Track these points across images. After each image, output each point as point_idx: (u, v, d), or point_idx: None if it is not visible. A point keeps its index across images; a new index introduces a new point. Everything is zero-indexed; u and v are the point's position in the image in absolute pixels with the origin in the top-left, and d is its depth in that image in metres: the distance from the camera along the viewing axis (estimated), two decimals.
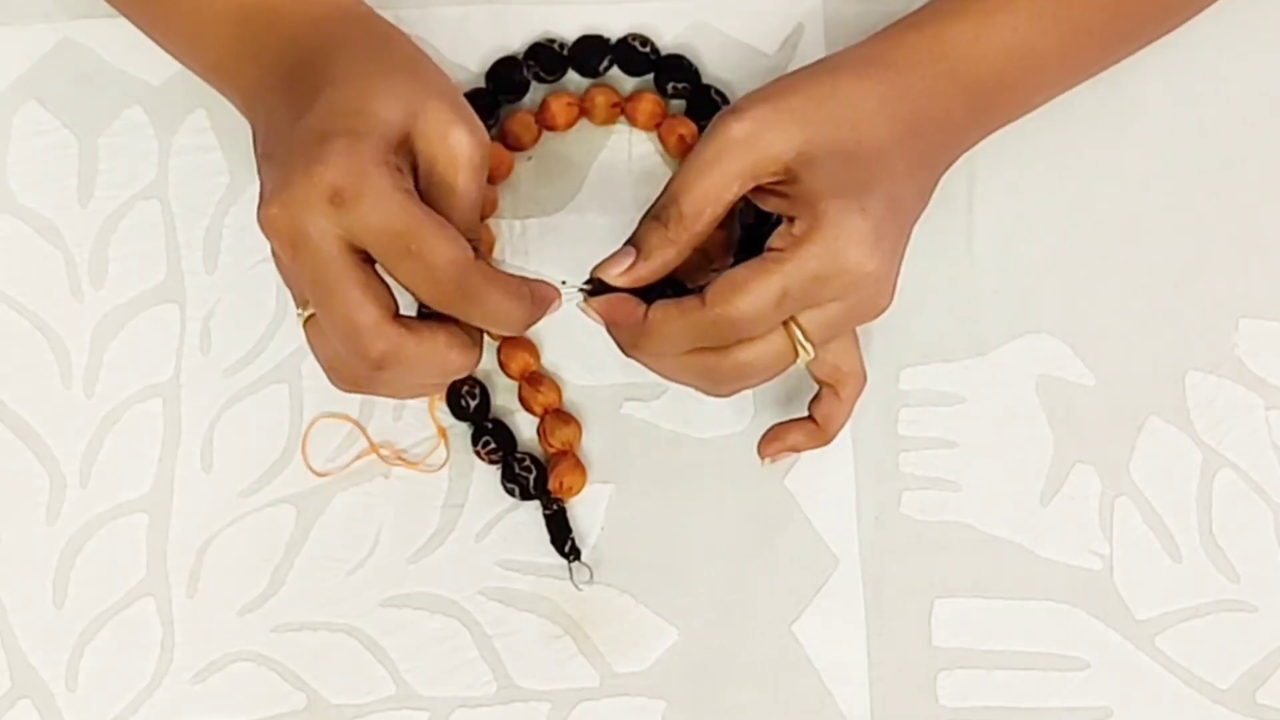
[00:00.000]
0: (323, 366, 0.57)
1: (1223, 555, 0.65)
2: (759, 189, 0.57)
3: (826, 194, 0.55)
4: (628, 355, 0.59)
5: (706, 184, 0.56)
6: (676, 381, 0.60)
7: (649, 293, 0.57)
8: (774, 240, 0.56)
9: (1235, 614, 0.64)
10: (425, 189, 0.54)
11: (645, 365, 0.59)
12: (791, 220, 0.56)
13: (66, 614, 0.65)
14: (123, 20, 0.65)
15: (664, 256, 0.57)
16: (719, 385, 0.59)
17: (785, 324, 0.56)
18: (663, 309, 0.56)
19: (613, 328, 0.58)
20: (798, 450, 0.63)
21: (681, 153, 0.67)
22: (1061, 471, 0.65)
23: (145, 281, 0.67)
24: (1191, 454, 0.65)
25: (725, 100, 0.67)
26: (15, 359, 0.66)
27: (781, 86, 0.57)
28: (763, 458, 0.63)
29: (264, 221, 0.53)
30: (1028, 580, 0.65)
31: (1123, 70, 0.65)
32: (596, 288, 0.57)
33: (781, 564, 0.65)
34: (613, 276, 0.57)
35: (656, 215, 0.57)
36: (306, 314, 0.56)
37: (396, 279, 0.53)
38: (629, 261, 0.57)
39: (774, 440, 0.63)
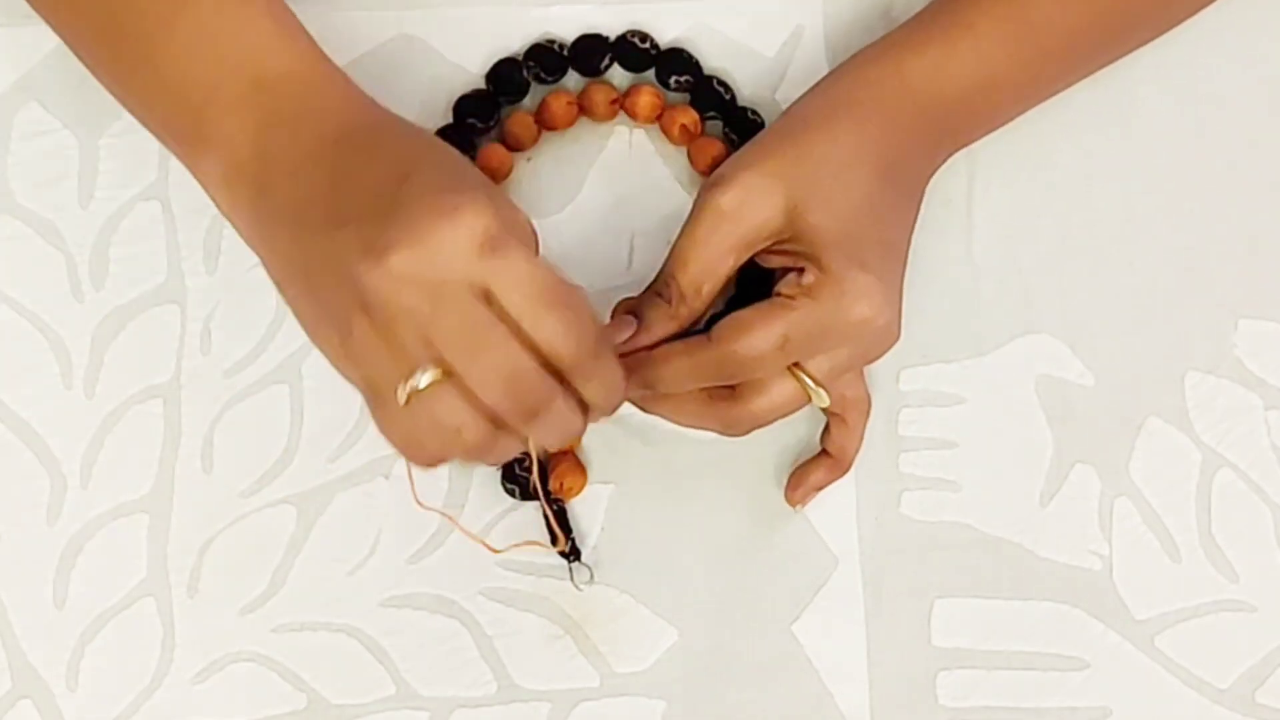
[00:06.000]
0: (432, 444, 0.52)
1: (1222, 555, 0.65)
2: (761, 251, 0.58)
3: (827, 244, 0.57)
4: (646, 410, 0.61)
5: (702, 261, 0.58)
6: (695, 428, 0.61)
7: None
8: (784, 286, 0.58)
9: (1234, 614, 0.64)
10: None
11: (664, 417, 0.61)
12: (801, 271, 0.57)
13: (67, 614, 0.65)
14: None
15: (665, 330, 0.59)
16: (737, 430, 0.60)
17: (792, 371, 0.58)
18: (669, 345, 0.59)
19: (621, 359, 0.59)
20: (822, 488, 0.64)
21: (685, 142, 0.66)
22: (1061, 471, 0.65)
23: (145, 282, 0.67)
24: (1191, 454, 0.65)
25: (728, 90, 0.66)
26: (16, 360, 0.66)
27: (761, 150, 0.58)
28: (792, 505, 0.64)
29: (388, 274, 0.49)
30: (1027, 580, 0.65)
31: (1122, 69, 0.65)
32: None
33: (781, 564, 0.65)
34: (615, 345, 0.58)
35: (659, 292, 0.59)
36: (424, 382, 0.50)
37: (536, 334, 0.50)
38: (629, 332, 0.58)
39: (798, 485, 0.64)
